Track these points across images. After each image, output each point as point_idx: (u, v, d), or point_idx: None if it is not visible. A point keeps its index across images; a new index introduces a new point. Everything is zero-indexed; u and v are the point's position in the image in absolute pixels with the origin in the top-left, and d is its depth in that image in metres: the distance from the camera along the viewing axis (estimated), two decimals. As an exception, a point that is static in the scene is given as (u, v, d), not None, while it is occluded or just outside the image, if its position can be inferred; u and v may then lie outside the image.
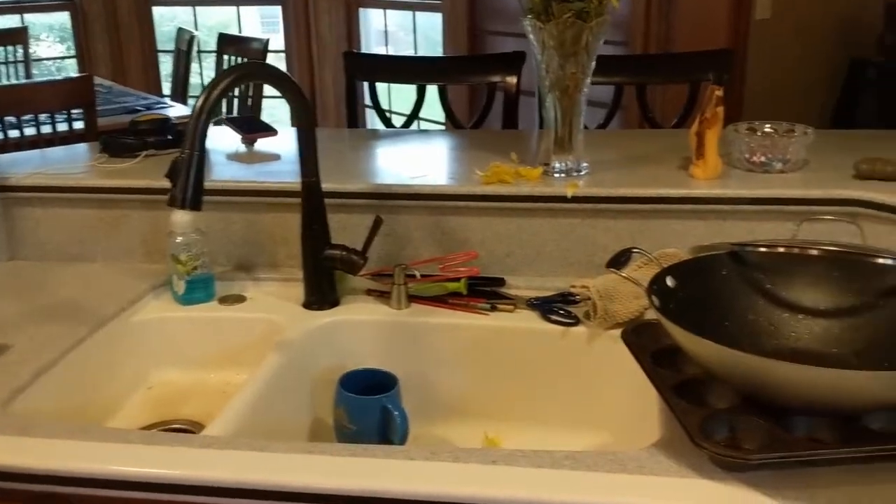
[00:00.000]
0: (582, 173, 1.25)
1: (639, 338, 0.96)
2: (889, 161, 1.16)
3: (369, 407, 1.04)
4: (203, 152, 0.97)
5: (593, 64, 1.21)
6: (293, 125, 1.22)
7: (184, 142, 0.97)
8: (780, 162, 1.22)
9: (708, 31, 2.63)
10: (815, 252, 0.92)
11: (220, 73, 1.54)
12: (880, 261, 0.90)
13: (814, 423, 0.78)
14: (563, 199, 1.18)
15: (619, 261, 0.94)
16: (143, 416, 1.13)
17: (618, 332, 1.09)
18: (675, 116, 1.86)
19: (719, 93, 1.18)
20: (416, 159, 1.43)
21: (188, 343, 1.20)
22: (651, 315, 1.05)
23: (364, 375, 1.09)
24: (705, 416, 0.79)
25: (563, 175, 1.24)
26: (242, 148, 1.48)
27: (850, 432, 0.77)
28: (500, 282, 1.22)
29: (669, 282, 0.91)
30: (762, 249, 0.94)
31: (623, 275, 0.92)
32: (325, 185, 1.21)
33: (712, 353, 0.77)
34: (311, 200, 1.15)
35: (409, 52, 4.35)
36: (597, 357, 1.10)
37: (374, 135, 1.65)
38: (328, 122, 4.41)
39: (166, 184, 1.11)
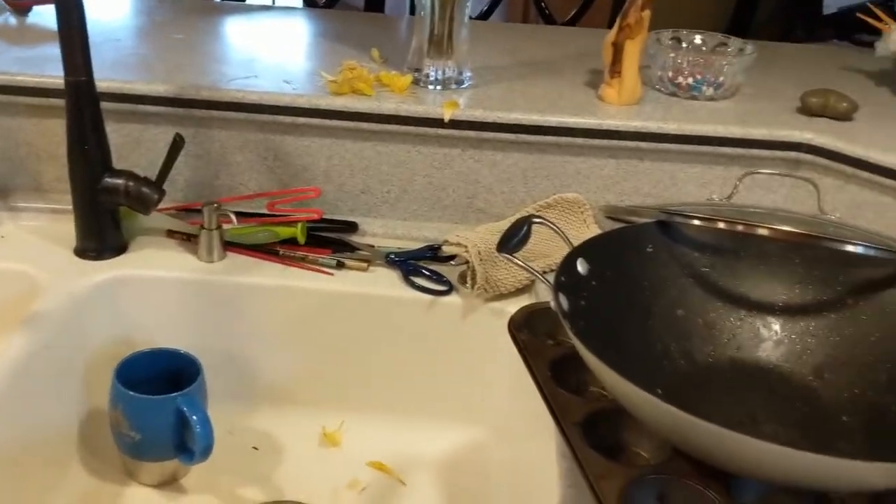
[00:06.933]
0: (464, 85, 0.96)
1: (531, 332, 0.70)
2: (843, 96, 0.93)
3: (157, 409, 0.75)
4: None
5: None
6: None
7: None
8: (712, 86, 0.96)
9: None
10: (765, 232, 0.67)
11: None
12: (851, 248, 0.66)
13: (769, 489, 0.56)
14: (438, 122, 0.89)
15: (516, 237, 0.66)
16: None
17: (501, 304, 0.84)
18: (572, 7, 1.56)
19: (648, -9, 0.89)
20: (244, 50, 1.07)
21: None
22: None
23: (151, 360, 0.79)
24: (628, 482, 0.55)
25: (438, 87, 0.94)
26: (12, 19, 1.09)
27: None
28: (352, 227, 0.93)
29: (581, 267, 0.65)
30: (696, 223, 0.69)
31: (519, 262, 0.65)
32: (107, 84, 0.87)
33: (645, 406, 0.52)
34: (81, 109, 0.80)
35: None
36: (472, 335, 0.85)
37: (187, 8, 1.25)
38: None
39: None
